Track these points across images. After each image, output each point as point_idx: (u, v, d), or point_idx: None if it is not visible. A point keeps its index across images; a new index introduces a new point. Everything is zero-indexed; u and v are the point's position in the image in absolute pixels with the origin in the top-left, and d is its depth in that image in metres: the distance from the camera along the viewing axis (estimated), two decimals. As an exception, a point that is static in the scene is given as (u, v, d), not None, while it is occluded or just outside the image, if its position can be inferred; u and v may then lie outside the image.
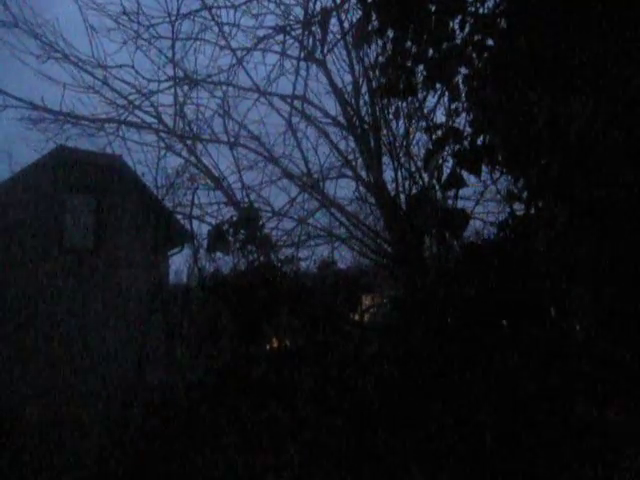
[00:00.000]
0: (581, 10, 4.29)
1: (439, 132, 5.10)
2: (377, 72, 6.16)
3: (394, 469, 5.06)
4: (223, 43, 10.50)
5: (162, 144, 11.41)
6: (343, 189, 10.38)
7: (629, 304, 4.30)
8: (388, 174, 8.93)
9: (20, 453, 10.49)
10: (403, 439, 5.06)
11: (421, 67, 5.13)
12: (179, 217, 12.58)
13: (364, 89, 9.38)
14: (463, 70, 4.98)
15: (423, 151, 6.58)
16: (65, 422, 11.59)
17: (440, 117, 7.04)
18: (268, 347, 6.18)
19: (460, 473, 4.80)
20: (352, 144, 9.96)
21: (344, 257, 10.75)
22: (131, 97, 11.33)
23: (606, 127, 4.12)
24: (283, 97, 10.47)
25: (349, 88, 9.70)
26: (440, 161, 5.02)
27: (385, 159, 9.03)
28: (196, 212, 10.68)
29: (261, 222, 6.84)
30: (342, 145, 10.26)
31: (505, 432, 4.70)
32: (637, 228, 4.14)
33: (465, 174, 4.98)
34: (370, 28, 5.23)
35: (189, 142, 11.20)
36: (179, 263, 19.16)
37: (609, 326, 4.58)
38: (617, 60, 4.20)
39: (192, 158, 11.26)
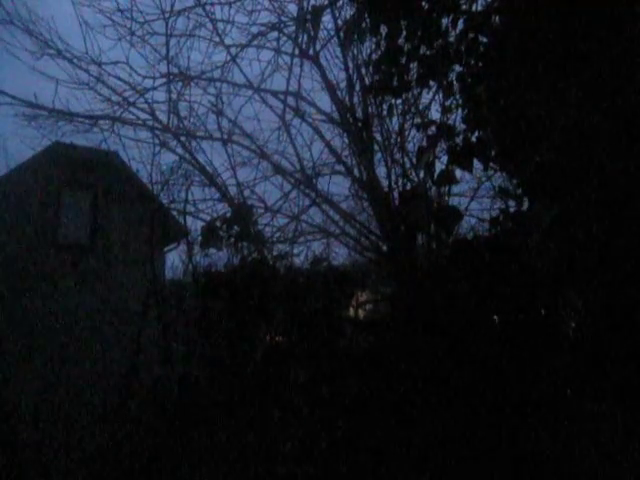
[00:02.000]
0: (572, 8, 4.31)
1: (433, 128, 5.12)
2: (371, 69, 6.17)
3: (388, 464, 5.08)
4: (217, 40, 10.46)
5: (157, 141, 11.37)
6: (336, 186, 10.32)
7: (619, 299, 4.33)
8: (381, 171, 8.92)
9: (16, 447, 10.51)
10: (397, 434, 5.08)
11: (415, 64, 5.14)
12: (174, 213, 12.55)
13: (358, 86, 9.36)
14: (456, 67, 5.00)
15: (417, 148, 6.58)
16: (60, 417, 11.59)
17: (434, 113, 7.06)
18: (262, 343, 6.19)
19: (454, 467, 4.82)
20: (345, 141, 9.93)
21: (337, 253, 10.71)
22: (125, 94, 11.28)
23: (597, 124, 4.15)
24: (277, 94, 10.44)
25: (343, 85, 9.68)
26: (433, 158, 5.04)
27: (378, 156, 9.01)
28: (190, 208, 10.65)
29: (254, 218, 6.86)
30: (335, 142, 10.21)
31: (498, 426, 4.73)
32: (627, 225, 4.16)
33: (459, 171, 5.01)
34: (364, 25, 5.24)
35: (183, 139, 11.17)
36: (175, 259, 19.08)
37: (600, 321, 4.61)
38: (609, 58, 4.22)
39: (186, 155, 11.22)
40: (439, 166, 5.06)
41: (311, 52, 9.55)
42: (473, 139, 4.94)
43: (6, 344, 13.84)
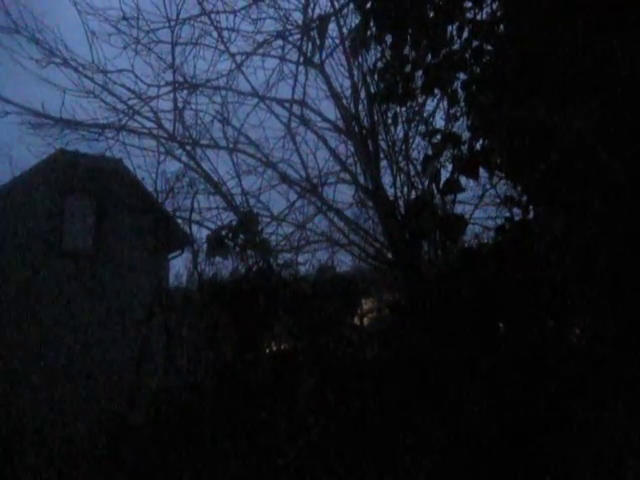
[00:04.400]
0: (577, 17, 4.31)
1: (438, 137, 5.12)
2: (376, 77, 6.17)
3: (393, 473, 5.07)
4: (222, 48, 10.52)
5: (162, 149, 11.42)
6: (342, 194, 10.36)
7: (626, 308, 4.32)
8: (387, 179, 8.95)
9: (19, 456, 10.51)
10: (402, 443, 5.07)
11: (420, 72, 5.14)
12: (179, 221, 12.58)
13: (363, 94, 9.39)
14: (461, 75, 5.00)
15: (422, 156, 6.59)
16: (63, 424, 11.59)
17: (439, 122, 7.07)
18: (267, 351, 6.19)
19: (459, 476, 4.82)
20: (351, 149, 9.96)
21: (343, 262, 10.73)
22: (131, 102, 11.34)
23: (602, 132, 4.15)
24: (282, 102, 10.48)
25: (348, 93, 9.72)
26: (438, 166, 5.03)
27: (384, 164, 9.05)
28: (195, 217, 10.68)
29: (260, 227, 6.87)
30: (341, 150, 10.26)
31: (504, 434, 4.72)
32: (632, 233, 4.16)
33: (464, 179, 5.00)
34: (369, 34, 5.25)
35: (188, 147, 11.21)
36: (179, 267, 19.05)
37: (606, 329, 4.60)
38: (613, 67, 4.22)
39: (191, 163, 11.26)
40: (444, 174, 5.05)
41: (316, 60, 9.58)
42: (478, 147, 4.94)
43: (12, 351, 13.84)
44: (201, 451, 5.92)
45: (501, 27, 4.94)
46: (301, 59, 9.78)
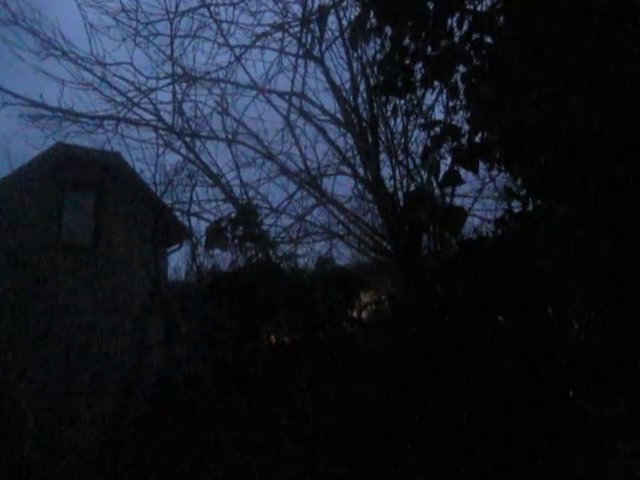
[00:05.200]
0: (579, 7, 4.30)
1: (437, 129, 5.11)
2: (375, 70, 6.17)
3: (393, 467, 5.07)
4: (221, 40, 10.53)
5: (161, 141, 11.43)
6: (341, 186, 10.38)
7: (626, 301, 4.32)
8: (386, 171, 8.95)
9: (18, 448, 10.53)
10: (401, 437, 5.07)
11: (419, 65, 5.14)
12: (178, 214, 12.58)
13: (362, 86, 9.39)
14: (461, 68, 4.99)
15: (421, 148, 6.58)
16: (63, 418, 11.61)
17: (438, 114, 7.06)
18: (266, 343, 6.19)
19: (459, 470, 4.82)
20: (350, 141, 9.98)
21: (342, 254, 10.76)
22: (130, 94, 11.34)
23: (603, 124, 4.14)
24: (281, 94, 10.48)
25: (347, 85, 9.71)
26: (438, 158, 5.03)
27: (383, 156, 9.05)
28: (194, 209, 10.68)
29: (259, 219, 6.86)
30: (340, 142, 10.28)
31: (504, 429, 4.72)
32: (635, 225, 4.16)
33: (463, 171, 4.99)
34: (368, 26, 5.24)
35: (188, 139, 11.21)
36: (178, 260, 19.06)
37: (607, 323, 4.60)
38: (615, 57, 4.21)
39: (191, 155, 11.26)
40: (443, 167, 5.05)
41: (316, 52, 9.58)
42: (477, 140, 4.93)
43: (11, 345, 13.85)
44: (200, 443, 5.92)
45: (501, 19, 4.93)
46: (300, 51, 9.78)
